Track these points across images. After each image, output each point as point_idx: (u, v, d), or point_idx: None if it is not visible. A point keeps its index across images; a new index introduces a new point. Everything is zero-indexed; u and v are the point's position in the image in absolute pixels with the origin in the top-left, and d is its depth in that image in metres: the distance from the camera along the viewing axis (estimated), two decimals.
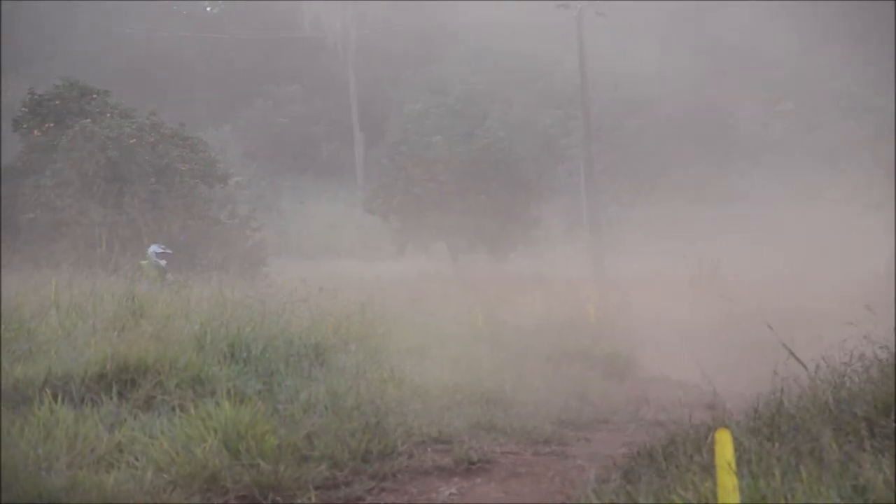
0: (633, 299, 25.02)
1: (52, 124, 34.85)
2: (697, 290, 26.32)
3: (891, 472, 5.53)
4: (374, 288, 24.86)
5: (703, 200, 43.04)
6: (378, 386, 12.37)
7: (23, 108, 35.98)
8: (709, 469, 6.36)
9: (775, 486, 6.16)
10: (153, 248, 25.41)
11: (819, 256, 32.49)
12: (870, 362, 8.34)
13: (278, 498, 9.07)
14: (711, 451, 6.17)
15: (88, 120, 34.13)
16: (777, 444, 7.15)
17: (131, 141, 34.24)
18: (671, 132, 51.13)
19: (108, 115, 35.08)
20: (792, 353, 8.00)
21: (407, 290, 25.16)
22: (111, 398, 10.66)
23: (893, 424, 6.96)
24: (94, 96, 35.78)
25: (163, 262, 24.52)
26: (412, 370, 13.65)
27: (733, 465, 6.01)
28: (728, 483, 5.95)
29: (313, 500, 9.07)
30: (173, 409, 10.48)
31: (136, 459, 9.34)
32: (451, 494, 9.56)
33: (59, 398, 10.24)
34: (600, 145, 50.60)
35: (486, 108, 55.33)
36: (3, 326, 12.49)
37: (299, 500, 9.04)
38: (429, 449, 10.79)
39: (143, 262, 24.80)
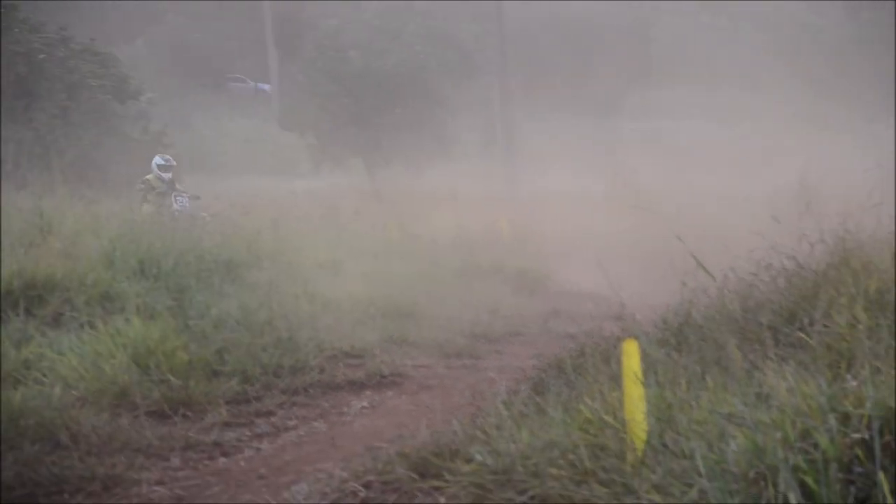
0: (548, 214, 25.08)
1: None
2: (611, 205, 26.40)
3: (793, 379, 5.58)
4: (289, 204, 24.73)
5: (622, 115, 43.09)
6: (290, 301, 12.33)
7: None
8: (617, 379, 6.40)
9: (681, 395, 6.21)
10: (157, 160, 24.03)
11: (735, 170, 32.75)
12: (777, 272, 8.41)
13: (189, 413, 9.04)
14: (619, 362, 6.20)
15: None
16: (684, 354, 7.21)
17: (40, 56, 33.61)
18: (589, 47, 51.06)
19: (17, 29, 34.36)
20: (700, 264, 8.05)
21: (322, 206, 25.04)
22: (18, 315, 10.51)
23: (797, 332, 7.03)
24: (1, 11, 35.03)
25: (168, 176, 23.41)
26: (325, 285, 13.62)
27: (640, 375, 6.04)
28: (634, 392, 5.98)
29: (224, 414, 9.05)
30: (82, 325, 10.37)
31: (44, 376, 9.24)
32: (362, 408, 9.58)
33: None
34: (516, 60, 50.44)
35: (403, 23, 54.86)
36: None
37: (210, 415, 9.01)
38: (341, 363, 10.80)
39: (149, 177, 23.46)
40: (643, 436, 5.89)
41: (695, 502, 5.16)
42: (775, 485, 4.94)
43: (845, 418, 5.18)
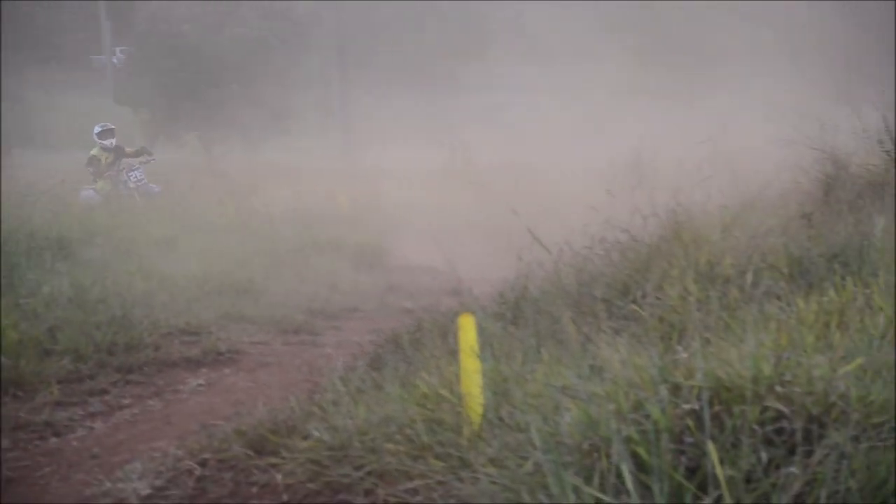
0: (387, 189, 25.10)
1: None
2: (450, 180, 26.50)
3: (626, 351, 5.66)
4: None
5: (461, 91, 43.23)
6: (125, 278, 12.18)
7: None
8: (454, 354, 6.41)
9: (517, 369, 6.26)
10: (95, 129, 23.37)
11: (572, 144, 33.10)
12: (610, 245, 8.52)
13: (19, 392, 8.87)
14: (456, 337, 6.22)
15: None
16: (520, 328, 7.27)
17: None
18: (428, 22, 51.12)
19: None
20: (536, 238, 8.11)
21: (158, 182, 24.72)
22: None
23: (630, 305, 7.14)
24: None
25: (112, 142, 22.81)
26: (161, 262, 13.47)
27: (476, 350, 6.07)
28: (470, 367, 6.01)
29: (56, 394, 8.90)
30: None
31: None
32: (198, 385, 9.49)
33: None
34: (355, 35, 50.30)
35: None
36: None
37: (41, 395, 8.85)
38: (176, 340, 10.70)
39: (93, 152, 22.91)
40: (479, 410, 5.93)
41: (530, 475, 5.19)
42: (608, 456, 5.00)
43: (676, 389, 5.26)
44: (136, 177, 22.34)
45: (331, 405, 6.72)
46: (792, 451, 4.92)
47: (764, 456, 4.90)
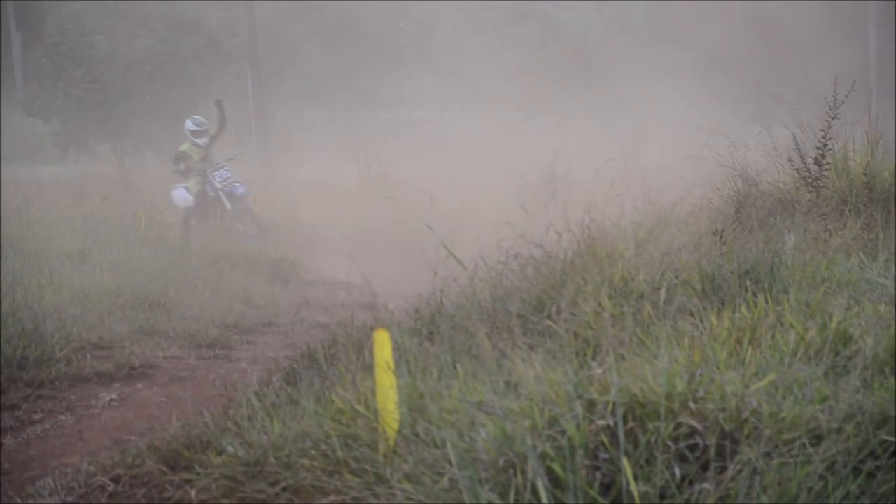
0: (302, 204, 25.00)
1: None
2: (366, 194, 26.46)
3: (541, 367, 5.69)
4: (34, 192, 24.10)
5: (375, 105, 43.20)
6: (35, 291, 12.04)
7: None
8: (369, 369, 6.41)
9: (432, 385, 6.26)
10: (188, 124, 22.03)
11: (486, 160, 33.21)
12: (525, 261, 8.55)
13: None
14: (372, 352, 6.22)
15: None
16: (436, 343, 7.28)
17: None
18: (342, 36, 51.02)
19: None
20: (451, 253, 8.13)
21: (68, 194, 24.48)
22: None
23: (545, 320, 7.17)
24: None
25: (205, 142, 21.68)
26: (72, 275, 13.34)
27: (391, 365, 6.08)
28: (386, 382, 6.01)
29: None
30: None
31: None
32: (111, 400, 9.41)
33: None
34: (269, 48, 50.13)
35: (150, 8, 53.89)
36: None
37: None
38: (88, 355, 10.59)
39: (184, 147, 21.80)
40: (395, 425, 5.93)
41: (446, 491, 5.21)
42: (524, 472, 5.03)
43: (591, 405, 5.30)
44: (221, 176, 21.45)
45: (245, 420, 6.69)
46: (705, 468, 4.98)
47: (678, 472, 4.95)
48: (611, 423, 5.14)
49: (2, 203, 17.36)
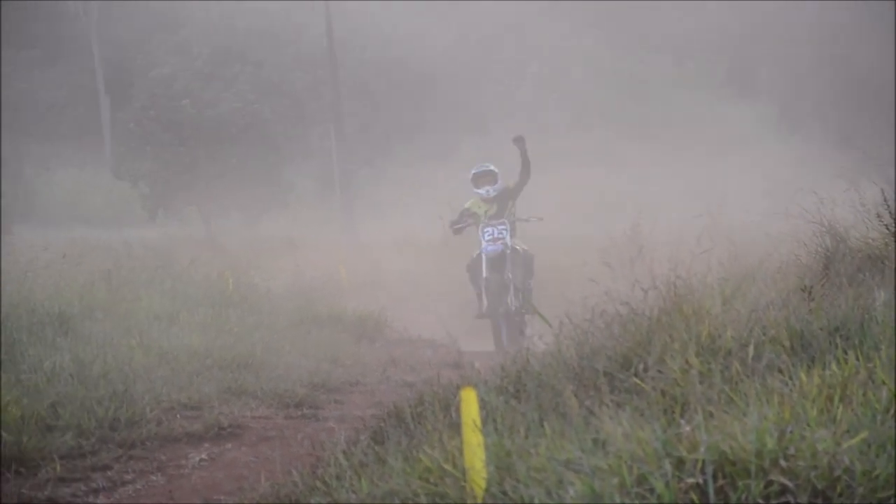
0: (385, 261, 25.14)
1: None
2: (449, 251, 26.51)
3: (629, 424, 5.67)
4: (123, 254, 24.40)
5: (456, 161, 43.31)
6: (125, 353, 12.18)
7: None
8: (457, 427, 6.42)
9: (520, 443, 6.26)
10: (474, 171, 18.08)
11: (568, 216, 33.19)
12: (611, 318, 8.53)
13: (22, 469, 8.85)
14: (458, 410, 6.23)
15: None
16: (522, 402, 7.27)
17: None
18: (420, 94, 51.37)
19: None
20: (536, 311, 8.15)
21: (157, 256, 24.75)
22: None
23: (632, 378, 7.15)
24: None
25: (492, 193, 17.73)
26: (161, 336, 13.48)
27: (479, 423, 6.08)
28: (473, 440, 6.02)
29: (59, 469, 8.88)
30: None
31: None
32: (200, 460, 9.48)
33: None
34: (351, 108, 50.55)
35: (236, 72, 54.66)
36: None
37: (44, 471, 8.84)
38: (178, 415, 10.69)
39: (468, 204, 18.14)
40: (483, 484, 5.93)
41: None
42: None
43: (680, 463, 5.28)
44: (493, 234, 17.66)
45: (334, 479, 6.72)
46: None
47: None
48: (700, 480, 5.11)
49: (88, 265, 17.58)
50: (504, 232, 17.59)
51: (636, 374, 7.22)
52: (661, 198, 28.91)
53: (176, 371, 12.02)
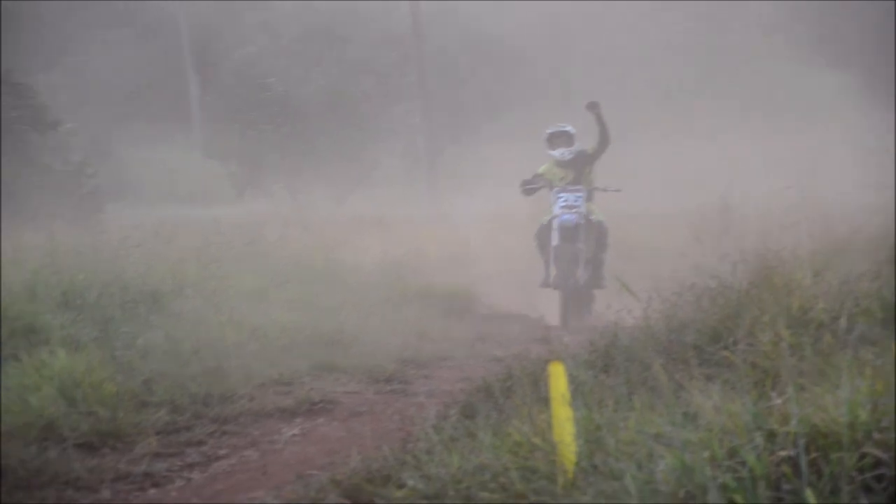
0: (473, 236, 25.11)
1: None
2: (535, 226, 26.45)
3: (719, 397, 5.66)
4: (213, 232, 24.58)
5: (541, 139, 43.12)
6: (217, 330, 12.30)
7: None
8: (545, 402, 6.43)
9: (609, 417, 6.27)
10: (549, 129, 17.51)
11: (657, 190, 32.99)
12: (700, 292, 8.51)
13: (118, 444, 8.98)
14: (547, 385, 6.24)
15: None
16: (611, 376, 7.28)
17: None
18: (506, 70, 51.26)
19: None
20: (625, 285, 8.12)
21: (246, 233, 24.91)
22: None
23: (722, 351, 7.13)
24: None
25: (569, 156, 16.97)
26: (251, 313, 13.59)
27: (567, 397, 6.08)
28: (562, 414, 6.02)
29: (154, 445, 9.00)
30: (6, 359, 10.29)
31: None
32: (293, 435, 9.56)
33: None
34: (437, 84, 50.56)
35: (322, 49, 54.84)
36: None
37: (139, 446, 8.97)
38: (270, 391, 10.79)
39: (541, 170, 17.44)
40: (572, 457, 5.94)
41: None
42: (704, 503, 5.00)
43: (771, 436, 5.25)
44: (567, 201, 16.89)
45: (424, 454, 6.75)
46: (893, 499, 4.90)
47: (864, 503, 4.88)
48: (792, 453, 5.09)
49: (179, 243, 17.72)
50: (580, 200, 16.82)
51: (726, 348, 7.20)
52: (750, 170, 28.63)
53: (267, 347, 12.13)
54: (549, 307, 15.96)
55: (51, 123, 36.08)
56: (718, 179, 24.08)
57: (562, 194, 16.78)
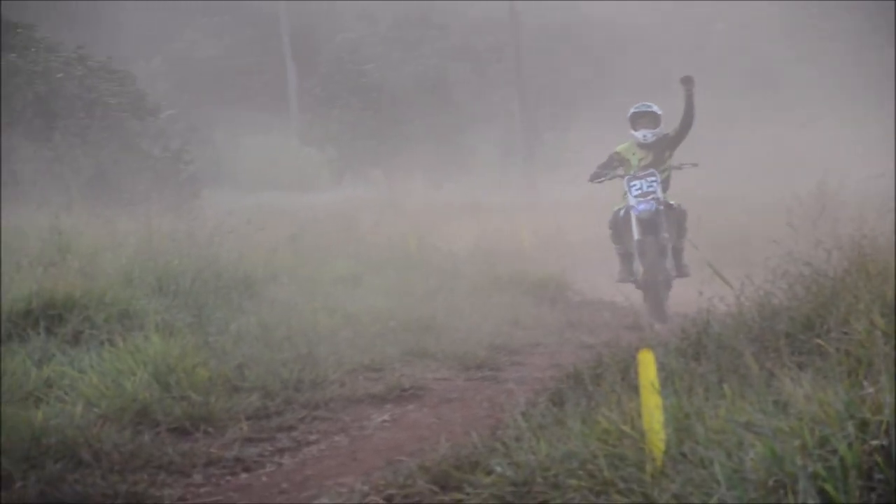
0: (568, 223, 25.03)
1: None
2: None
3: (811, 386, 5.58)
4: (308, 218, 24.76)
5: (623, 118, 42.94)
6: (309, 316, 12.37)
7: None
8: (635, 389, 6.39)
9: (698, 405, 6.21)
10: (634, 110, 16.11)
11: (752, 176, 32.67)
12: (794, 279, 8.40)
13: (210, 429, 9.06)
14: (637, 372, 6.21)
15: (14, 55, 33.53)
16: (702, 363, 7.21)
17: (58, 75, 33.70)
18: (604, 56, 51.01)
19: (34, 49, 34.43)
20: (717, 272, 8.05)
21: (341, 220, 25.06)
22: (38, 334, 10.61)
23: (815, 339, 7.04)
24: (19, 31, 35.11)
25: (651, 138, 15.66)
26: (344, 299, 13.66)
27: (657, 385, 6.05)
28: (651, 402, 5.99)
29: (245, 430, 9.07)
30: (102, 343, 10.43)
31: (66, 394, 9.29)
32: (383, 421, 9.58)
33: None
34: (534, 69, 50.47)
35: (420, 35, 54.95)
36: None
37: (231, 431, 9.04)
38: (361, 377, 10.82)
39: (620, 148, 16.19)
40: (661, 445, 5.90)
41: None
42: (794, 493, 4.95)
43: (864, 425, 5.18)
44: (640, 188, 15.55)
45: (513, 441, 6.74)
46: None
47: None
48: (885, 443, 5.01)
49: (273, 230, 17.83)
50: (654, 185, 15.45)
51: (819, 336, 7.10)
52: (848, 156, 28.28)
53: (359, 333, 12.16)
54: (639, 294, 15.85)
55: (150, 110, 36.53)
56: (815, 166, 23.81)
57: (634, 182, 15.52)
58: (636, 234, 15.41)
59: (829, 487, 4.93)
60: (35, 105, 32.94)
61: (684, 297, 9.63)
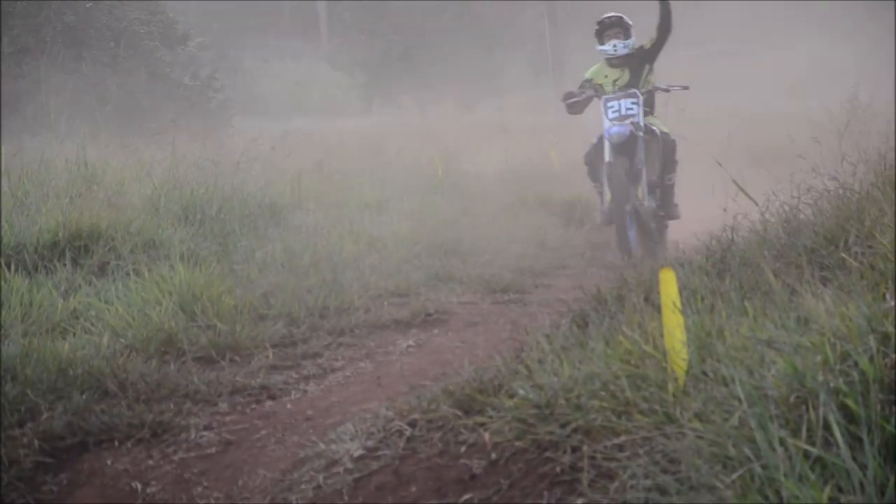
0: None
1: None
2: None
3: (832, 301, 5.51)
4: (336, 144, 24.72)
5: (675, 41, 42.54)
6: (335, 242, 12.38)
7: None
8: (658, 309, 6.34)
9: (720, 323, 6.15)
10: (603, 18, 14.09)
11: (786, 92, 32.46)
12: (819, 194, 8.32)
13: (236, 357, 9.08)
14: (659, 292, 6.15)
15: None
16: (725, 281, 7.15)
17: (87, 5, 33.63)
18: None
19: None
20: (742, 189, 7.96)
21: (369, 145, 25.00)
22: (65, 265, 10.64)
23: (839, 254, 6.95)
24: None
25: (617, 46, 13.85)
26: (370, 225, 13.65)
27: (678, 304, 5.98)
28: (672, 321, 5.92)
29: (271, 358, 9.08)
30: (128, 273, 10.45)
31: (92, 325, 9.32)
32: (408, 347, 9.58)
33: (12, 267, 10.19)
34: None
35: None
36: None
37: (257, 359, 9.05)
38: (386, 302, 10.82)
39: (589, 73, 14.39)
40: (683, 365, 5.85)
41: (736, 428, 5.11)
42: (816, 408, 4.90)
43: (886, 339, 5.12)
44: (617, 110, 13.66)
45: (536, 363, 6.70)
46: None
47: None
48: None
49: (300, 156, 17.79)
50: (634, 107, 13.65)
51: (842, 250, 7.02)
52: (881, 71, 27.97)
53: (384, 259, 12.17)
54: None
55: (179, 39, 36.48)
56: (852, 80, 23.58)
57: (611, 102, 13.67)
58: (606, 157, 13.69)
59: (850, 402, 4.87)
60: (64, 35, 32.90)
61: (709, 214, 9.53)
